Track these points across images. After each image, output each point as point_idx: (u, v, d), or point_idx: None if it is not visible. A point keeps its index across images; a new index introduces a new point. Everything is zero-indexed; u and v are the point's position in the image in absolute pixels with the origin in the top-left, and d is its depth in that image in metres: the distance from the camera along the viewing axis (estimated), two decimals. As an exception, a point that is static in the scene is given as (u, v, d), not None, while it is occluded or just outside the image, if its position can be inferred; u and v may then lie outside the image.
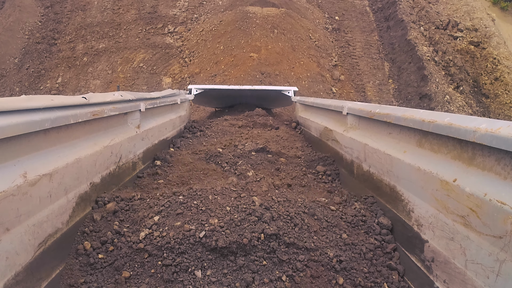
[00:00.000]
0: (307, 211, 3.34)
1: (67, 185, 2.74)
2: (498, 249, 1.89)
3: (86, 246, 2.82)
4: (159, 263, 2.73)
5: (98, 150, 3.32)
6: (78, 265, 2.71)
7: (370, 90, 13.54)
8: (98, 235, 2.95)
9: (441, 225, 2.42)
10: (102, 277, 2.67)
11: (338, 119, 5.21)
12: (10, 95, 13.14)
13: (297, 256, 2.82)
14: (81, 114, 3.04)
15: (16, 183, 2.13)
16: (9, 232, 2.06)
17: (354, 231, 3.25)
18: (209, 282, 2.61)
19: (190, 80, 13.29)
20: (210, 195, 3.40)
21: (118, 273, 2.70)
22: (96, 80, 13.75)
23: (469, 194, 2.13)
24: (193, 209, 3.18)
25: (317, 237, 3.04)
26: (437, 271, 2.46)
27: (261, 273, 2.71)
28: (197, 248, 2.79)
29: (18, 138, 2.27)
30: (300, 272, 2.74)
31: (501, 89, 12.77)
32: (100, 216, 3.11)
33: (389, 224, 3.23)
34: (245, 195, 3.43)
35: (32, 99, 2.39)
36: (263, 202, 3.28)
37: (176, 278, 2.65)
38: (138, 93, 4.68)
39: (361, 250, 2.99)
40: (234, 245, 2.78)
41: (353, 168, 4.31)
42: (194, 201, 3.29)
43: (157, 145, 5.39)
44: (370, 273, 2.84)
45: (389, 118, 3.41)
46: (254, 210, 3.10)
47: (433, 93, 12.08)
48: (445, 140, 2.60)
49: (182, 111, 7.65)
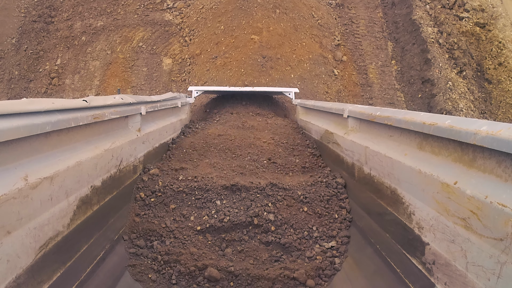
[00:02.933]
0: (287, 169, 5.49)
1: (68, 188, 2.75)
2: (499, 251, 1.89)
3: (141, 195, 4.32)
4: (193, 198, 4.39)
5: (99, 153, 3.32)
6: (137, 206, 4.21)
7: (372, 72, 13.34)
8: (148, 188, 4.42)
9: (442, 227, 2.42)
10: (156, 210, 4.22)
11: (339, 122, 5.22)
12: (10, 79, 13.16)
13: (278, 193, 4.49)
14: (82, 117, 3.05)
15: (17, 186, 2.14)
16: (10, 235, 2.06)
17: (318, 184, 4.76)
18: (225, 206, 4.28)
19: (190, 62, 13.18)
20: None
21: (167, 207, 4.28)
22: (96, 61, 13.63)
23: (470, 197, 2.13)
24: (214, 165, 5.36)
25: (292, 183, 4.72)
26: (438, 274, 2.46)
27: (256, 201, 4.35)
28: (217, 188, 4.49)
29: (19, 141, 2.28)
30: (279, 202, 4.36)
31: (504, 75, 12.55)
32: (147, 178, 4.58)
33: (343, 182, 4.69)
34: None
35: (33, 102, 2.40)
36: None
37: (204, 205, 4.33)
38: (138, 96, 4.70)
39: (321, 194, 4.52)
40: (240, 186, 4.53)
41: (354, 171, 4.31)
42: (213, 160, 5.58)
43: (158, 149, 5.40)
44: (326, 207, 4.39)
45: (390, 120, 3.42)
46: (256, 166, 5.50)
47: (435, 78, 11.90)
48: (446, 143, 2.60)
49: (183, 114, 7.67)
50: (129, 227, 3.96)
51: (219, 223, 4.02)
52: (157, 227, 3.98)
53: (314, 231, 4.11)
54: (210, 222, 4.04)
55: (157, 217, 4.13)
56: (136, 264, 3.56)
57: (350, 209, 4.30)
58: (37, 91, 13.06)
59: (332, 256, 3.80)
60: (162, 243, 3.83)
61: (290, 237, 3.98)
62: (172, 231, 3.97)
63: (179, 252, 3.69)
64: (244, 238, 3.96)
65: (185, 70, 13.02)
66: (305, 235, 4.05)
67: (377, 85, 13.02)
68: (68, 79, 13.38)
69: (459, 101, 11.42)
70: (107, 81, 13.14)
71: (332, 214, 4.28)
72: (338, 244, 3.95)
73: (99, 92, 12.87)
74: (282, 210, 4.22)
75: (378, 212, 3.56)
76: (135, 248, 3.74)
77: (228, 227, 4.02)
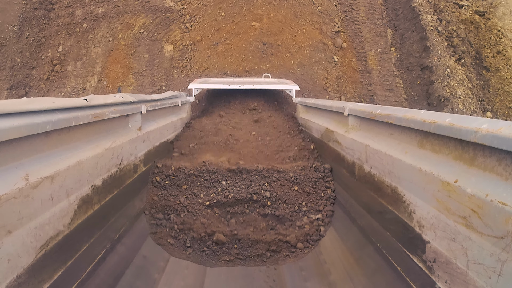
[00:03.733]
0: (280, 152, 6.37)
1: (68, 188, 2.75)
2: (499, 250, 1.90)
3: (157, 179, 5.02)
4: (202, 179, 5.06)
5: (100, 152, 3.32)
6: (155, 188, 4.94)
7: (371, 58, 13.38)
8: (162, 173, 5.10)
9: (443, 226, 2.42)
10: (171, 190, 4.95)
11: (339, 120, 5.22)
12: (12, 66, 13.11)
13: (273, 175, 5.14)
14: (83, 116, 3.05)
15: (18, 186, 2.14)
16: (11, 234, 2.07)
17: (307, 168, 5.37)
18: (229, 186, 4.97)
19: (191, 48, 13.16)
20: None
21: (179, 187, 4.98)
22: (97, 48, 13.60)
23: (471, 195, 2.13)
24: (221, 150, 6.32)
25: (285, 167, 5.31)
26: (439, 272, 2.46)
27: (255, 181, 5.03)
28: (222, 170, 5.16)
29: (19, 141, 2.28)
30: (274, 182, 5.05)
31: (502, 63, 12.58)
32: (161, 164, 5.22)
33: (329, 167, 5.31)
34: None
35: (33, 102, 2.40)
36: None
37: (212, 185, 5.00)
38: (139, 95, 4.70)
39: (310, 176, 5.19)
40: (241, 169, 5.18)
41: (355, 169, 4.31)
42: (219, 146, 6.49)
43: (159, 147, 5.40)
44: (314, 187, 5.09)
45: (390, 119, 3.42)
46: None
47: (434, 65, 11.95)
48: (446, 141, 2.60)
49: (183, 113, 7.66)
50: (149, 205, 4.71)
51: (224, 199, 4.79)
52: (172, 203, 4.75)
53: (303, 206, 4.86)
54: (217, 198, 4.79)
55: (172, 195, 4.88)
56: (157, 231, 4.41)
57: (335, 189, 5.01)
58: (39, 77, 13.06)
59: (318, 225, 4.60)
60: (177, 216, 4.62)
61: (283, 210, 4.75)
62: (185, 206, 4.74)
63: (192, 222, 4.51)
64: (245, 211, 4.76)
65: (187, 57, 13.02)
66: (296, 209, 4.81)
67: (377, 72, 13.09)
68: (70, 65, 13.38)
69: (457, 88, 11.50)
70: (109, 67, 13.16)
71: (319, 193, 5.03)
72: (323, 216, 4.71)
73: (101, 78, 12.93)
74: (276, 189, 4.96)
75: (378, 210, 3.56)
76: (155, 220, 4.55)
77: (232, 202, 4.78)
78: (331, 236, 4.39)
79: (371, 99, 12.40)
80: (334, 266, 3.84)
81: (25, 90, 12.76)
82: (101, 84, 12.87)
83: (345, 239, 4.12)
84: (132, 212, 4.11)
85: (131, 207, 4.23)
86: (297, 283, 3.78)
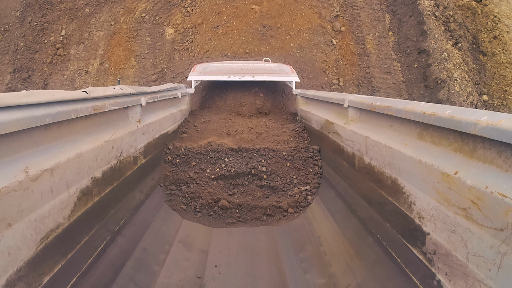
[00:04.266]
0: (276, 136, 7.11)
1: (68, 180, 2.75)
2: (499, 242, 1.90)
3: (169, 158, 5.81)
4: (208, 157, 5.89)
5: (99, 144, 3.32)
6: (167, 165, 5.74)
7: (369, 42, 13.53)
8: (173, 153, 5.91)
9: (443, 217, 2.43)
10: (181, 167, 5.74)
11: (339, 111, 5.21)
12: (15, 50, 13.23)
13: (268, 153, 5.99)
14: (82, 108, 3.04)
15: (18, 179, 2.14)
16: (11, 227, 2.07)
17: (299, 149, 6.17)
18: (231, 162, 5.82)
19: (192, 31, 13.30)
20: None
21: (189, 164, 5.80)
22: (100, 32, 13.76)
23: (470, 187, 2.13)
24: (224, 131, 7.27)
25: (278, 146, 6.25)
26: (439, 264, 2.47)
27: (253, 159, 5.88)
28: (225, 149, 6.00)
29: (19, 134, 2.28)
30: (270, 159, 5.90)
31: (499, 48, 12.75)
32: (172, 146, 6.01)
33: (318, 148, 6.09)
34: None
35: (32, 95, 2.39)
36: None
37: (216, 162, 5.84)
38: (138, 87, 4.69)
39: (300, 155, 6.01)
40: (241, 148, 6.04)
41: (355, 161, 4.31)
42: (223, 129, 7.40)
43: (158, 139, 5.40)
44: (303, 164, 5.92)
45: (390, 110, 3.41)
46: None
47: (431, 49, 12.13)
48: (446, 133, 2.60)
49: (183, 105, 7.66)
50: (163, 179, 5.52)
51: (227, 173, 5.67)
52: (183, 177, 5.56)
53: (294, 179, 5.69)
54: (221, 172, 5.66)
55: (183, 171, 5.68)
56: (171, 199, 5.24)
57: (322, 166, 5.79)
58: (42, 61, 13.18)
59: (306, 195, 5.41)
60: (187, 187, 5.43)
61: (277, 182, 5.61)
62: (194, 179, 5.55)
63: (200, 192, 5.34)
64: (245, 183, 5.62)
65: (188, 40, 13.17)
66: (287, 181, 5.65)
67: (374, 55, 13.24)
68: (73, 49, 13.54)
69: (454, 71, 11.65)
70: (111, 50, 13.35)
71: (308, 169, 5.85)
72: (311, 187, 5.54)
73: (104, 61, 13.09)
74: (271, 165, 5.82)
75: (378, 202, 3.56)
76: (169, 191, 5.37)
77: (234, 175, 5.66)
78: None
79: (369, 81, 12.55)
80: (334, 258, 3.86)
81: (28, 73, 12.88)
82: (104, 67, 13.04)
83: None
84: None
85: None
86: (297, 275, 3.79)
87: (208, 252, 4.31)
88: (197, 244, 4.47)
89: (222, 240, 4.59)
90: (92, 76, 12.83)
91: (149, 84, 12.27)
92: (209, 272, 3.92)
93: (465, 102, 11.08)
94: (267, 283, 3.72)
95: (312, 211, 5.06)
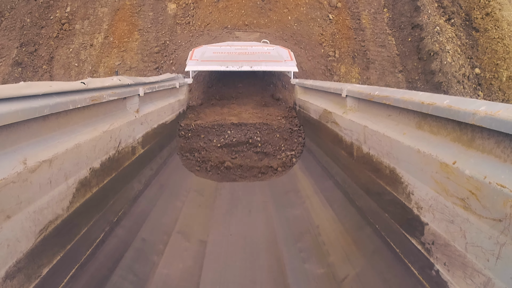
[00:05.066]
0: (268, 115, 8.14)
1: (67, 171, 2.75)
2: (498, 232, 1.90)
3: (182, 133, 7.04)
4: (214, 130, 7.02)
5: (97, 135, 3.31)
6: (181, 138, 6.96)
7: (365, 18, 13.94)
8: (185, 128, 7.05)
9: (441, 207, 2.43)
10: (193, 139, 6.95)
11: (337, 101, 5.20)
12: (22, 26, 13.53)
13: (263, 126, 7.15)
14: (80, 99, 3.03)
15: (16, 170, 2.13)
16: (10, 219, 2.07)
17: (287, 124, 7.44)
18: (233, 134, 7.00)
19: (194, 6, 13.68)
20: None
21: (199, 136, 6.96)
22: (104, 8, 14.13)
23: (469, 177, 2.14)
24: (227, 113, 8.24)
25: (271, 123, 7.32)
26: (437, 254, 2.48)
27: (250, 131, 7.10)
28: (228, 124, 7.12)
29: (17, 125, 2.27)
30: (263, 131, 7.10)
31: (491, 24, 13.11)
32: (184, 124, 7.13)
33: (299, 123, 7.39)
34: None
35: (30, 86, 2.38)
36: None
37: (221, 134, 7.00)
38: (136, 77, 4.66)
39: (287, 128, 7.25)
40: (241, 123, 7.16)
41: (353, 150, 4.31)
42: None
43: (157, 129, 5.39)
44: (290, 135, 7.17)
45: (388, 100, 3.41)
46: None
47: (424, 23, 12.55)
48: (445, 122, 2.60)
49: (181, 95, 7.65)
50: (179, 148, 6.81)
51: (230, 142, 6.98)
52: (195, 146, 6.87)
53: (282, 147, 7.03)
54: (225, 142, 6.97)
55: (194, 142, 6.99)
56: (187, 163, 6.57)
57: (304, 137, 7.12)
58: (48, 36, 13.48)
59: (291, 158, 6.82)
60: (199, 153, 6.77)
61: (269, 149, 6.94)
62: (204, 147, 6.87)
63: (209, 156, 6.71)
64: (244, 150, 6.95)
65: (189, 14, 13.50)
66: (277, 149, 7.00)
67: (370, 30, 13.63)
68: (78, 24, 13.90)
69: (446, 44, 11.96)
70: (115, 25, 13.73)
71: (293, 139, 7.16)
72: (295, 153, 6.93)
73: (108, 35, 13.46)
74: (265, 136, 7.08)
75: (377, 191, 3.57)
76: (185, 157, 6.71)
77: (235, 144, 6.97)
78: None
79: (364, 54, 12.88)
80: (333, 247, 3.87)
81: (35, 47, 13.13)
82: (108, 40, 13.37)
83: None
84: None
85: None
86: (296, 264, 3.81)
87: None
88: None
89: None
90: (96, 49, 13.18)
91: (152, 55, 12.69)
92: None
93: (457, 73, 11.32)
94: (266, 278, 3.73)
95: (295, 170, 6.54)
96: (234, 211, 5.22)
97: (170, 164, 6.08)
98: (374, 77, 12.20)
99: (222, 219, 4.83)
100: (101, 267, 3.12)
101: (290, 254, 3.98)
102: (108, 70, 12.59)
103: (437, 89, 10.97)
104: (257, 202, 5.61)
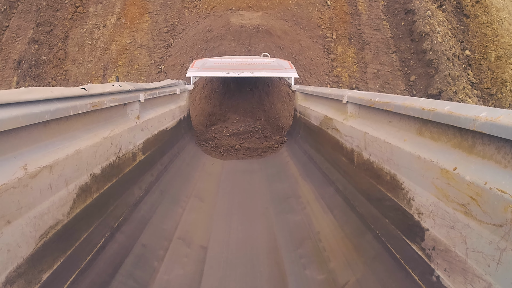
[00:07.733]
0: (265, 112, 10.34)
1: (67, 177, 2.75)
2: (498, 238, 1.90)
3: (193, 114, 9.69)
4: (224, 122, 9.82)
5: (98, 141, 3.32)
6: (196, 133, 8.76)
7: (361, 5, 15.12)
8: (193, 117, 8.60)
9: (442, 213, 2.43)
10: (206, 131, 8.98)
11: (338, 107, 5.21)
12: (38, 9, 14.48)
13: (263, 107, 10.00)
14: (81, 105, 3.04)
15: (17, 176, 2.14)
16: (10, 224, 2.07)
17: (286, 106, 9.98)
18: (240, 125, 9.33)
19: None
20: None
21: (210, 128, 9.16)
22: None
23: (469, 183, 2.14)
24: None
25: (275, 104, 10.04)
26: (438, 260, 2.47)
27: (252, 122, 9.55)
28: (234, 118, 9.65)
29: (18, 131, 2.27)
30: (263, 123, 9.61)
31: (481, 10, 14.02)
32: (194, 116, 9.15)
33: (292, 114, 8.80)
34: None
35: (31, 91, 2.39)
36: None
37: (230, 125, 9.36)
38: (137, 83, 4.68)
39: (289, 112, 9.72)
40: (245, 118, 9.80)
41: (353, 156, 4.31)
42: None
43: (157, 136, 5.39)
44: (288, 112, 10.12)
45: (389, 106, 3.41)
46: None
47: (416, 8, 13.66)
48: (445, 129, 2.60)
49: (182, 101, 7.66)
50: (196, 138, 8.37)
51: (237, 131, 8.85)
52: (209, 136, 8.63)
53: (277, 135, 8.94)
54: (234, 131, 8.83)
55: (207, 133, 8.80)
56: (205, 149, 8.06)
57: (290, 127, 8.91)
58: (63, 17, 14.62)
59: (283, 141, 8.50)
60: (213, 141, 8.42)
61: (267, 134, 8.88)
62: (216, 136, 8.62)
63: (221, 143, 8.39)
64: (249, 136, 8.76)
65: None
66: (273, 133, 8.97)
67: (365, 15, 14.85)
68: (91, 7, 15.17)
69: (437, 26, 12.97)
70: (127, 8, 15.01)
71: (282, 132, 9.21)
72: (282, 139, 8.65)
73: (120, 17, 14.73)
74: (263, 125, 9.07)
75: (377, 197, 3.57)
76: (202, 144, 8.26)
77: (242, 132, 8.83)
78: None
79: (360, 36, 14.00)
80: (333, 254, 3.86)
81: (51, 27, 14.16)
82: (120, 22, 14.62)
83: (344, 226, 4.28)
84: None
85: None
86: (296, 270, 3.80)
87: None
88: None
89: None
90: (109, 29, 14.41)
91: (161, 35, 14.00)
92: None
93: (447, 51, 12.12)
94: (266, 284, 3.72)
95: (282, 150, 8.01)
96: (234, 211, 5.18)
97: (171, 170, 5.76)
98: (369, 57, 13.22)
99: (223, 225, 4.81)
100: (102, 272, 3.11)
101: (290, 260, 3.97)
102: (120, 48, 13.64)
103: (428, 66, 11.92)
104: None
